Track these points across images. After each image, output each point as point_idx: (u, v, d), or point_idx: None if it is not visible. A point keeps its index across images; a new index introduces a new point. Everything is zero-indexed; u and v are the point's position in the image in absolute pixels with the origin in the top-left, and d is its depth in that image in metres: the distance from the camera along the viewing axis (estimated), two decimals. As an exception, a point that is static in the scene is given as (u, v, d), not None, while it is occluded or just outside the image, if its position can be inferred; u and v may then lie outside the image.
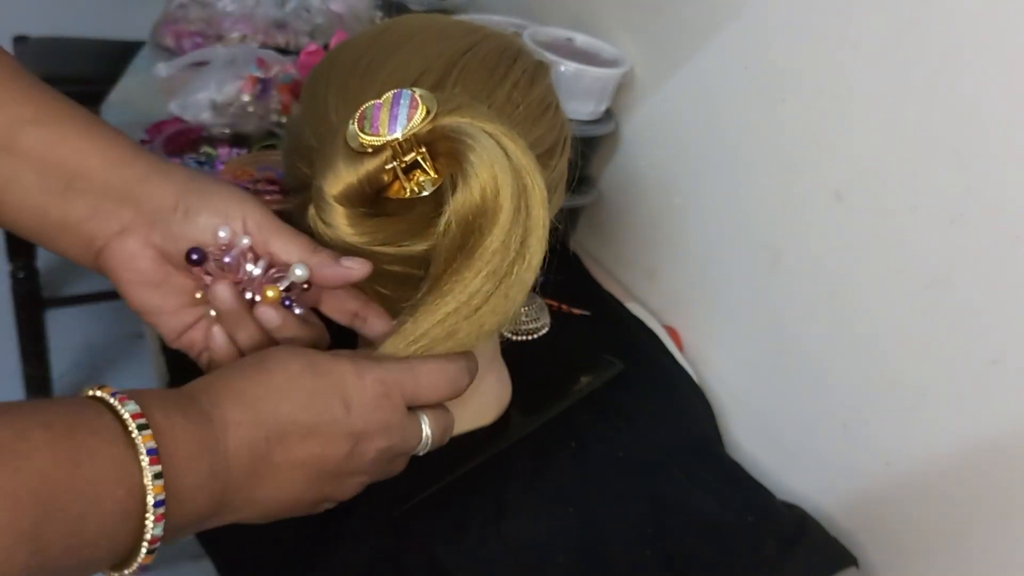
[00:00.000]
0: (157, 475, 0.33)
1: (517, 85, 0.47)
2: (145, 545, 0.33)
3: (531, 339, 0.72)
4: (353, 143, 0.41)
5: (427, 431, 0.44)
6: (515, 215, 0.39)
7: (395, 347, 0.43)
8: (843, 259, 0.64)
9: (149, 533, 0.33)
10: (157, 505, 0.33)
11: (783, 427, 0.72)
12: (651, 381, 0.73)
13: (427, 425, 0.44)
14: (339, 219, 0.41)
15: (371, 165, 0.41)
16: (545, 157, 0.49)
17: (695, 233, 0.81)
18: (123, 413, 0.34)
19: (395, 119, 0.40)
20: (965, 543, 0.57)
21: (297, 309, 0.45)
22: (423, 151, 0.41)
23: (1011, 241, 0.52)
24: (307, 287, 0.44)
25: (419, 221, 0.42)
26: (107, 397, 0.34)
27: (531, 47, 0.81)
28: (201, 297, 0.45)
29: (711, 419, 0.75)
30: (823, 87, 0.64)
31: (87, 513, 0.31)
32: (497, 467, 0.57)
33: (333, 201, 0.41)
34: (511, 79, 0.47)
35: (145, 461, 0.33)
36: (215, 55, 0.94)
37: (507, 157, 0.39)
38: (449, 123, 0.40)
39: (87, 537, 0.31)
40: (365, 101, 0.41)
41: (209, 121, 0.87)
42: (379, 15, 1.15)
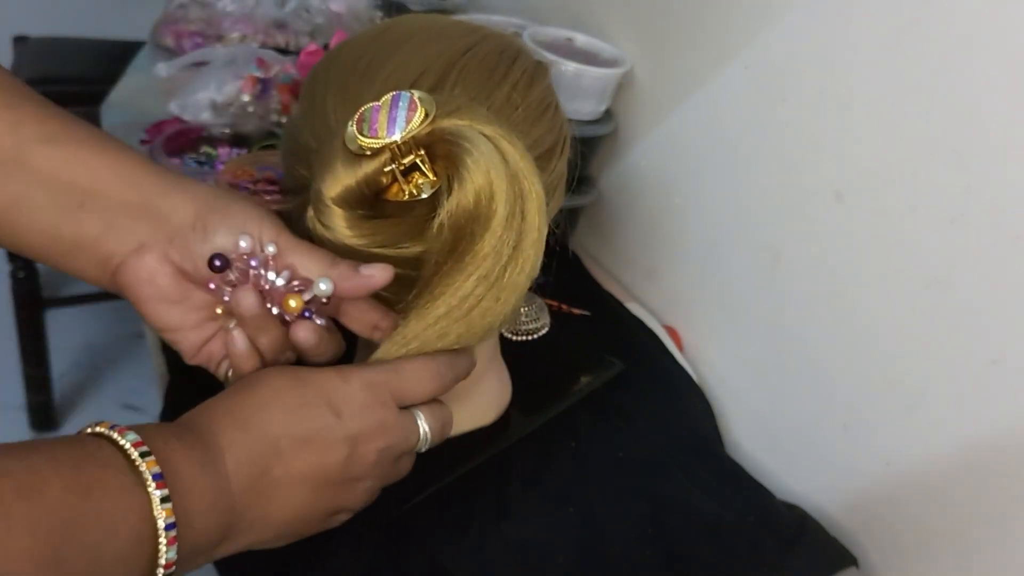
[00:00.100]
0: (165, 499, 0.33)
1: (516, 86, 0.47)
2: (161, 570, 0.34)
3: (531, 339, 0.72)
4: (352, 145, 0.41)
5: (424, 427, 0.44)
6: (509, 220, 0.39)
7: (387, 351, 0.43)
8: (843, 259, 0.64)
9: (163, 558, 0.33)
10: (168, 528, 0.33)
11: (783, 427, 0.72)
12: (651, 381, 0.73)
13: (423, 421, 0.44)
14: (338, 221, 0.41)
15: (370, 167, 0.41)
16: (544, 158, 0.48)
17: (695, 233, 0.81)
18: (124, 443, 0.34)
19: (394, 121, 0.40)
20: (965, 543, 0.57)
21: (318, 320, 0.44)
22: (422, 153, 0.41)
23: (1011, 241, 0.52)
24: (327, 300, 0.43)
25: (418, 223, 0.42)
26: (106, 431, 0.35)
27: (531, 47, 0.81)
28: (221, 312, 0.44)
29: (711, 419, 0.75)
30: (823, 87, 0.64)
31: (103, 541, 0.32)
32: (497, 467, 0.57)
33: (332, 203, 0.41)
34: (510, 80, 0.47)
35: (152, 486, 0.33)
36: (215, 55, 0.94)
37: (504, 161, 0.39)
38: (447, 126, 0.40)
39: (105, 565, 0.32)
40: (364, 103, 0.41)
41: (209, 121, 0.87)
42: (379, 15, 1.15)
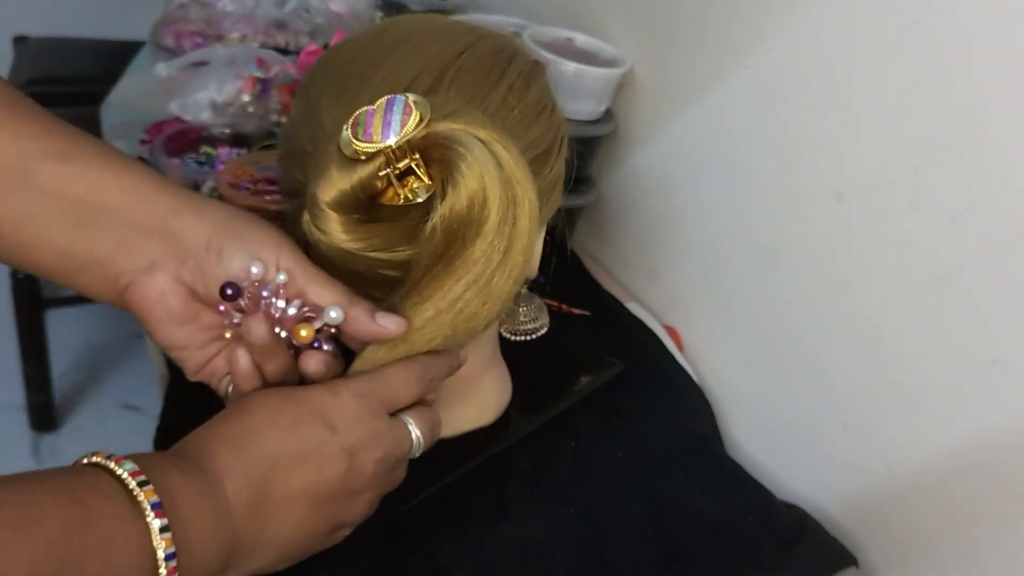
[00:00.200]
0: (164, 528, 0.33)
1: (512, 88, 0.47)
2: None
3: (531, 339, 0.72)
4: (347, 150, 0.41)
5: (416, 432, 0.44)
6: (500, 226, 0.39)
7: (374, 354, 0.43)
8: (843, 259, 0.64)
9: None
10: (168, 558, 0.33)
11: (783, 427, 0.72)
12: (651, 381, 0.73)
13: (414, 427, 0.44)
14: (333, 226, 0.41)
15: (365, 172, 0.41)
16: (541, 159, 0.48)
17: (695, 233, 0.81)
18: (121, 473, 0.34)
19: (388, 125, 0.40)
20: (966, 543, 0.57)
21: (325, 346, 0.44)
22: (417, 157, 0.41)
23: (1011, 241, 0.52)
24: (335, 330, 0.43)
25: (413, 226, 0.42)
26: (103, 461, 0.34)
27: (531, 47, 0.81)
28: (231, 336, 0.44)
29: (711, 419, 0.75)
30: (823, 87, 0.64)
31: (102, 572, 0.31)
32: (497, 467, 0.57)
33: (327, 208, 0.41)
34: (506, 81, 0.47)
35: (150, 516, 0.33)
36: (215, 55, 0.94)
37: (499, 166, 0.39)
38: (442, 129, 0.40)
39: None
40: (359, 106, 0.41)
41: (209, 121, 0.87)
42: (379, 15, 1.15)
